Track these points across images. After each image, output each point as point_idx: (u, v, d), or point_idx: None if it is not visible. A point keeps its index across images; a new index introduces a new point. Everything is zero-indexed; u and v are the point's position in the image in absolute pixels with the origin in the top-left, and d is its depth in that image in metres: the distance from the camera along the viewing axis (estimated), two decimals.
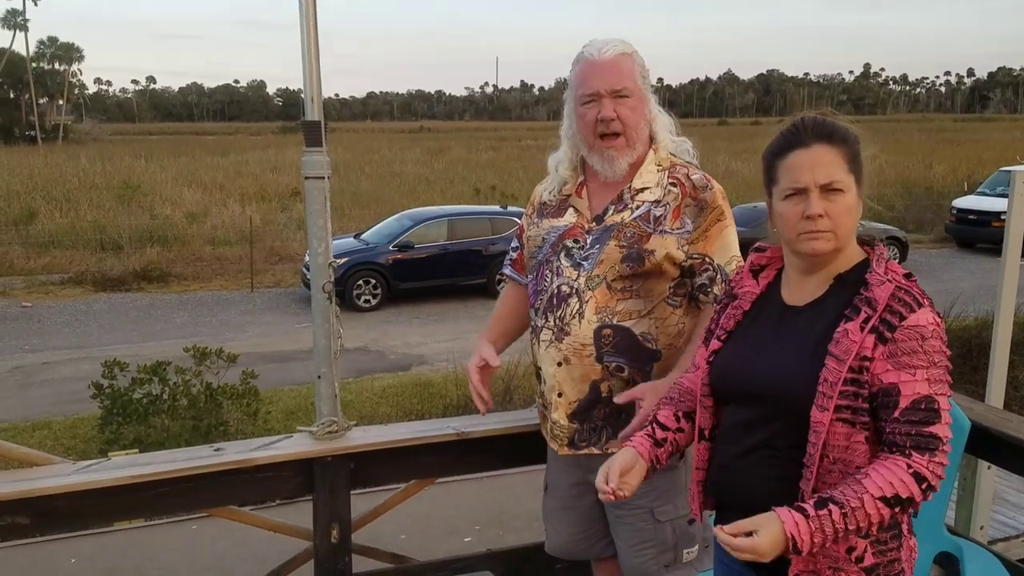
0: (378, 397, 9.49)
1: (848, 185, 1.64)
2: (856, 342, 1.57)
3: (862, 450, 1.59)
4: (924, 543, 2.42)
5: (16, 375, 10.93)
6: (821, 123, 1.67)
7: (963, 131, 60.91)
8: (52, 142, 57.50)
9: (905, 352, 1.56)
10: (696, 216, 2.21)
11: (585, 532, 2.44)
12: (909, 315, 1.57)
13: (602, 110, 2.20)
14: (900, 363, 1.56)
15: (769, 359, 1.70)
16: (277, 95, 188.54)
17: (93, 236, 19.82)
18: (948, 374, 1.58)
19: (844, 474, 1.59)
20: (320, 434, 2.66)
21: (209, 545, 4.33)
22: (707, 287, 2.23)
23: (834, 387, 1.57)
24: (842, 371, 1.57)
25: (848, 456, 1.59)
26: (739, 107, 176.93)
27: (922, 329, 1.56)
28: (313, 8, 2.56)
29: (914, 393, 1.54)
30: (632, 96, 2.21)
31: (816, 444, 1.58)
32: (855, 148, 1.67)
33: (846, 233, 1.65)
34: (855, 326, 1.59)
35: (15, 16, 64.96)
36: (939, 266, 18.38)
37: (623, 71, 2.21)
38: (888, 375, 1.56)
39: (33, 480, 2.42)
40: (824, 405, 1.58)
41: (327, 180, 2.63)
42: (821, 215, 1.62)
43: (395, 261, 14.80)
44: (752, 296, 1.82)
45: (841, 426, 1.58)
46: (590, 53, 2.23)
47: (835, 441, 1.59)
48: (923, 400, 1.54)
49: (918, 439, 1.53)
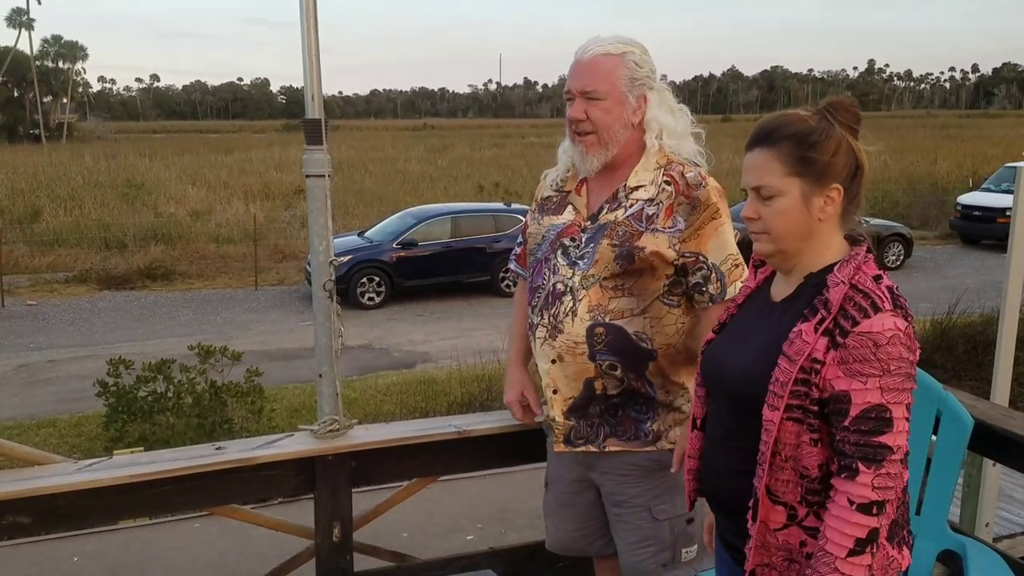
0: (382, 395, 9.50)
1: (783, 189, 1.61)
2: (809, 343, 1.56)
3: (810, 451, 1.59)
4: (927, 541, 2.41)
5: (21, 373, 10.96)
6: (762, 125, 1.65)
7: (968, 127, 60.73)
8: (56, 140, 57.63)
9: (857, 359, 1.52)
10: (689, 214, 2.20)
11: (584, 529, 2.44)
12: (863, 320, 1.53)
13: (572, 110, 2.22)
14: (851, 370, 1.52)
15: (734, 353, 1.73)
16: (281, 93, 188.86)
17: (97, 234, 19.87)
18: (910, 381, 1.53)
19: (796, 472, 1.60)
20: (321, 432, 2.66)
21: (211, 543, 4.33)
22: (701, 286, 2.22)
23: (784, 387, 1.57)
24: (793, 371, 1.56)
25: (798, 455, 1.59)
26: (743, 103, 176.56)
27: (876, 336, 1.51)
28: (314, 6, 2.55)
29: (864, 402, 1.51)
30: (606, 98, 2.19)
31: (767, 442, 1.59)
32: (802, 148, 1.60)
33: (781, 235, 1.63)
34: (810, 327, 1.57)
35: (19, 15, 65.10)
36: (944, 262, 18.35)
37: (598, 73, 2.19)
38: (839, 382, 1.53)
39: (35, 479, 2.42)
40: (775, 404, 1.58)
41: (328, 178, 2.63)
42: (753, 217, 1.64)
43: (399, 259, 14.81)
44: (748, 290, 1.83)
45: (792, 425, 1.58)
46: (578, 52, 2.24)
47: (786, 439, 1.59)
48: (873, 409, 1.51)
49: (865, 450, 1.51)
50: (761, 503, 1.63)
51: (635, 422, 2.25)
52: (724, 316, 1.86)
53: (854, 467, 1.51)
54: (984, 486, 3.89)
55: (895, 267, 17.25)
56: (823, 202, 1.62)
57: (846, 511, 1.51)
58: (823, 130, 1.60)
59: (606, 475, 2.32)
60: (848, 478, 1.52)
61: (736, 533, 1.74)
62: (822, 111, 1.64)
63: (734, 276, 2.22)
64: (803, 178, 1.60)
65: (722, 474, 1.77)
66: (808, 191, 1.61)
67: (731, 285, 2.21)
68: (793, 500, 1.61)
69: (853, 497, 1.51)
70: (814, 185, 1.61)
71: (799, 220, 1.62)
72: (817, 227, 1.64)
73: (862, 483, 1.50)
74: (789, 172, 1.60)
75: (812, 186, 1.61)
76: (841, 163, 1.61)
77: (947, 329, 9.58)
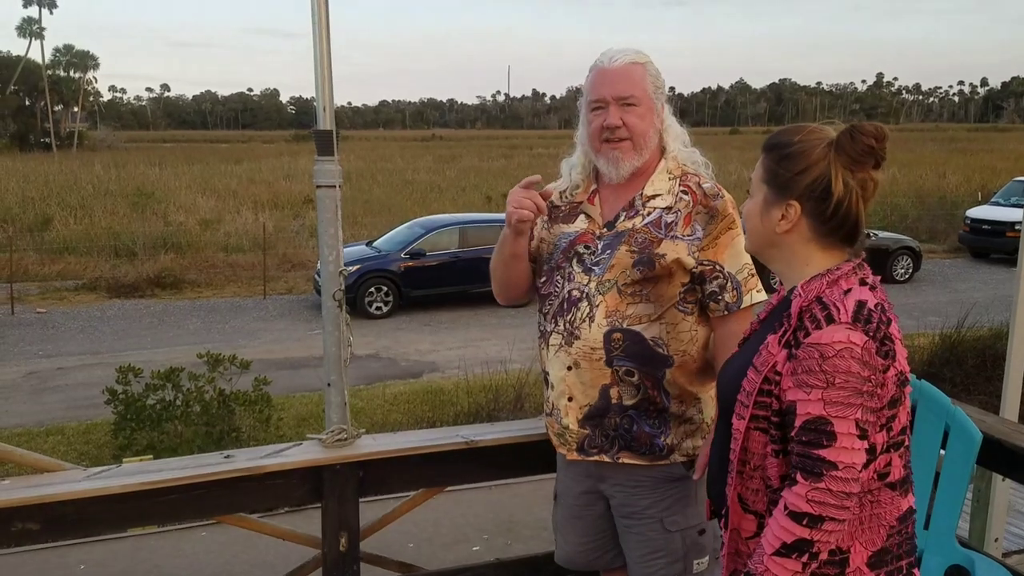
0: (389, 404, 9.49)
1: (755, 192, 1.71)
2: (773, 355, 1.59)
3: (772, 462, 1.60)
4: (936, 555, 2.41)
5: (30, 380, 10.99)
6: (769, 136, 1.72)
7: (976, 141, 60.64)
8: (67, 149, 57.95)
9: (804, 370, 1.52)
10: (707, 223, 2.22)
11: (595, 542, 2.43)
12: (814, 331, 1.53)
13: (608, 117, 2.22)
14: (799, 381, 1.53)
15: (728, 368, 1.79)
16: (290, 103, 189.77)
17: (107, 243, 19.94)
18: (863, 396, 1.49)
19: (763, 481, 1.62)
20: (329, 442, 2.66)
21: (218, 552, 4.33)
22: (717, 295, 2.23)
23: (750, 396, 1.61)
24: (758, 381, 1.60)
25: (764, 464, 1.62)
26: (751, 116, 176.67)
27: (823, 348, 1.50)
28: (326, 18, 2.57)
29: (806, 413, 1.51)
30: (640, 104, 2.22)
31: (735, 450, 1.63)
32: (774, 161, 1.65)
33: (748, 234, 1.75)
34: (775, 339, 1.60)
35: (31, 24, 65.60)
36: (953, 276, 18.28)
37: (632, 79, 2.22)
38: (790, 392, 1.55)
39: (44, 487, 2.43)
40: (741, 414, 1.63)
41: (339, 189, 2.64)
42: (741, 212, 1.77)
43: (407, 268, 14.84)
44: (770, 307, 1.84)
45: (759, 435, 1.61)
46: (602, 61, 2.25)
47: (754, 449, 1.62)
48: (813, 421, 1.50)
49: (805, 461, 1.51)
50: (732, 511, 1.67)
51: (650, 437, 2.25)
52: (748, 331, 1.87)
53: (794, 476, 1.53)
54: (993, 501, 3.87)
55: (904, 280, 17.19)
56: (780, 215, 1.65)
57: (780, 514, 1.53)
58: (801, 146, 1.62)
59: (616, 487, 2.32)
60: (789, 485, 1.54)
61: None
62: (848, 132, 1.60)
63: (750, 285, 2.24)
64: (768, 187, 1.67)
65: (711, 482, 1.85)
66: (770, 199, 1.67)
67: (747, 294, 2.23)
68: (762, 509, 1.64)
69: (788, 503, 1.52)
70: (776, 195, 1.66)
71: (757, 224, 1.70)
72: (780, 239, 1.67)
73: (797, 493, 1.51)
74: (762, 178, 1.68)
75: (774, 196, 1.66)
76: (805, 182, 1.61)
77: (956, 343, 9.54)
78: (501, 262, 2.39)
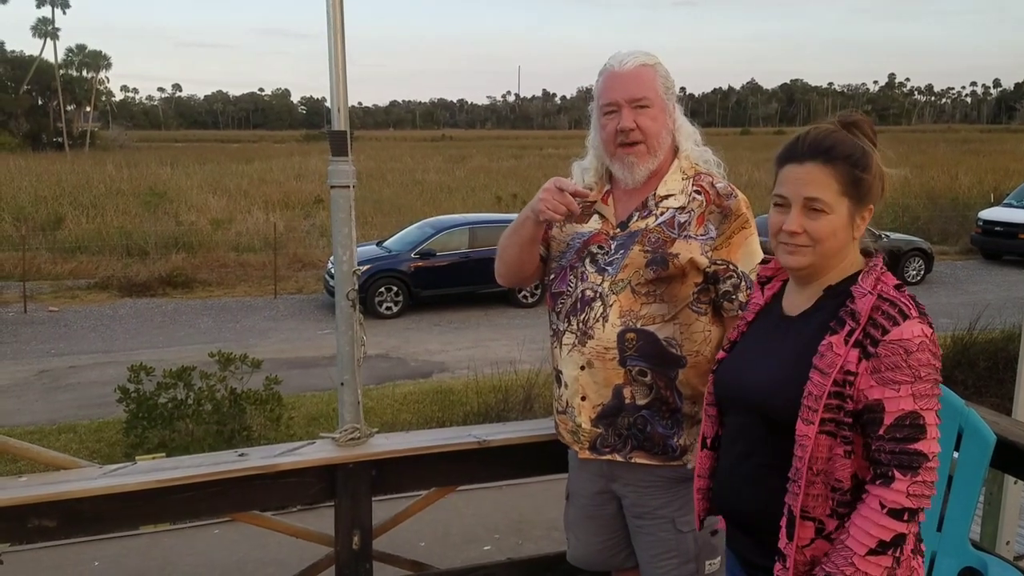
0: (399, 404, 9.52)
1: (835, 207, 1.62)
2: (840, 356, 1.57)
3: (842, 464, 1.59)
4: (949, 558, 2.40)
5: (43, 379, 11.06)
6: (820, 139, 1.64)
7: (989, 142, 60.29)
8: (79, 149, 58.23)
9: (889, 367, 1.54)
10: (720, 223, 2.23)
11: (607, 542, 2.44)
12: (892, 328, 1.55)
13: (621, 120, 2.22)
14: (884, 379, 1.54)
15: (757, 369, 1.72)
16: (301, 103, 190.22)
17: (119, 242, 20.04)
18: (937, 387, 1.56)
19: (827, 486, 1.60)
20: (343, 441, 2.67)
21: (231, 550, 4.35)
22: (731, 294, 2.24)
23: (819, 400, 1.57)
24: (826, 384, 1.57)
25: (829, 468, 1.60)
26: (762, 116, 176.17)
27: (906, 343, 1.54)
28: (340, 20, 2.58)
29: (898, 410, 1.53)
30: (652, 106, 2.23)
31: (803, 458, 1.59)
32: (856, 170, 1.63)
33: (826, 252, 1.65)
34: (839, 339, 1.59)
35: (45, 25, 65.98)
36: (965, 278, 18.20)
37: (643, 82, 2.23)
38: (873, 391, 1.55)
39: (61, 483, 2.45)
40: (809, 419, 1.58)
41: (352, 189, 2.65)
42: (798, 231, 1.64)
43: (417, 268, 14.87)
44: (756, 307, 1.84)
45: (824, 439, 1.59)
46: (612, 64, 2.26)
47: (818, 453, 1.60)
48: (907, 416, 1.53)
49: (901, 457, 1.52)
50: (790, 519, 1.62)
51: (663, 437, 2.25)
52: (734, 334, 1.86)
53: (890, 475, 1.52)
54: (1005, 503, 3.85)
55: (915, 282, 17.11)
56: (860, 221, 1.66)
57: (876, 513, 1.52)
58: (870, 153, 1.64)
59: (628, 487, 2.32)
60: (883, 484, 1.53)
61: (760, 552, 1.72)
62: (849, 127, 1.66)
63: None
64: (851, 198, 1.64)
65: (744, 493, 1.75)
66: (853, 211, 1.64)
67: None
68: (822, 514, 1.61)
69: (886, 502, 1.52)
70: (858, 205, 1.65)
71: (845, 238, 1.65)
72: (851, 244, 1.68)
73: (897, 490, 1.52)
74: (842, 191, 1.63)
75: (856, 206, 1.65)
76: (878, 185, 1.66)
77: (968, 345, 9.50)
78: (515, 244, 2.39)
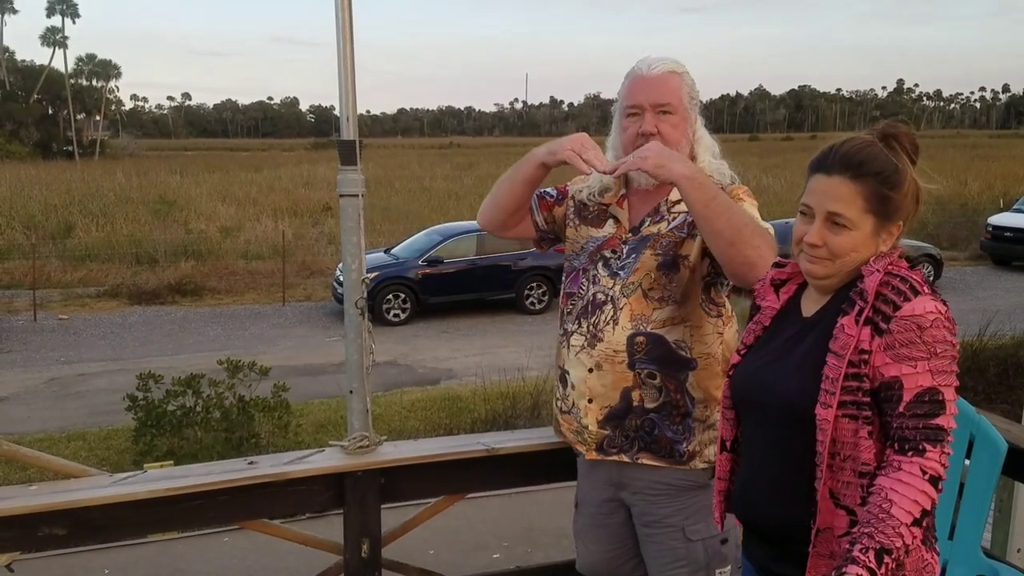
0: (407, 411, 9.52)
1: (858, 223, 1.61)
2: (853, 335, 1.56)
3: (867, 446, 1.57)
4: (960, 566, 2.39)
5: (52, 386, 11.10)
6: (852, 153, 1.62)
7: (998, 147, 60.00)
8: (89, 157, 58.58)
9: (903, 344, 1.53)
10: None
11: (616, 550, 2.43)
12: (904, 304, 1.54)
13: (643, 124, 2.23)
14: (899, 355, 1.53)
15: (780, 371, 1.71)
16: (310, 112, 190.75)
17: (129, 250, 20.15)
18: (955, 364, 1.54)
19: (855, 472, 1.58)
20: (351, 448, 2.68)
21: (240, 558, 4.36)
22: None
23: (836, 383, 1.56)
24: (842, 366, 1.56)
25: (856, 453, 1.58)
26: (770, 122, 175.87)
27: (919, 319, 1.53)
28: (350, 29, 2.59)
29: (917, 386, 1.52)
30: (675, 113, 2.24)
31: (823, 442, 1.57)
32: (885, 187, 1.61)
33: (846, 264, 1.64)
34: (850, 320, 1.58)
35: (55, 34, 66.44)
36: (974, 284, 18.12)
37: (669, 88, 2.24)
38: (889, 368, 1.54)
39: (71, 492, 2.46)
40: (827, 402, 1.57)
41: (361, 198, 2.66)
42: (818, 244, 1.63)
43: (424, 275, 14.88)
44: (772, 311, 1.82)
45: (847, 422, 1.57)
46: (640, 68, 2.27)
47: (843, 438, 1.58)
48: (927, 392, 1.52)
49: (927, 432, 1.51)
50: (823, 509, 1.60)
51: (671, 442, 2.25)
52: (751, 338, 1.83)
53: (921, 447, 1.50)
54: (1016, 511, 3.83)
55: None
56: (886, 236, 1.65)
57: (918, 480, 1.49)
58: (902, 170, 1.63)
59: (637, 495, 2.32)
60: (917, 455, 1.50)
61: (779, 559, 1.71)
62: (888, 139, 1.64)
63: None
64: (877, 216, 1.63)
65: (767, 499, 1.73)
66: (878, 227, 1.64)
67: None
68: (853, 503, 1.58)
69: (927, 468, 1.49)
70: (884, 222, 1.64)
71: (867, 253, 1.64)
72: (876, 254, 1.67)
73: (932, 459, 1.50)
74: (867, 209, 1.62)
75: (883, 223, 1.64)
76: (910, 203, 1.65)
77: (978, 351, 9.46)
78: (512, 182, 2.38)
